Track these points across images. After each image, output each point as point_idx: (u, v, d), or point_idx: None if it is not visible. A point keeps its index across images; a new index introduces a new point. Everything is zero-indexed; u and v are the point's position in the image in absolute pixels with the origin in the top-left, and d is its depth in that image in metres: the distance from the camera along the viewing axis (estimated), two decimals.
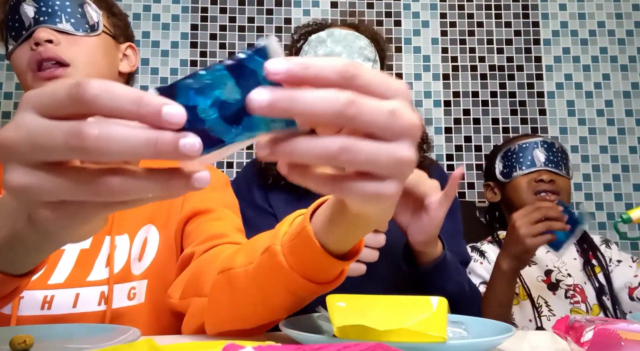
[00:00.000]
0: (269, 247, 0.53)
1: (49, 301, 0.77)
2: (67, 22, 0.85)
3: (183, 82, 0.32)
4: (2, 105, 1.78)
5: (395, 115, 0.34)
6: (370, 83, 0.34)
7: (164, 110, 0.31)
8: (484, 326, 0.60)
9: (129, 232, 0.85)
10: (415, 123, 0.35)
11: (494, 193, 1.53)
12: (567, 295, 1.35)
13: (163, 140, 0.31)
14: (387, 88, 0.34)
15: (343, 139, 0.33)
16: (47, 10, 0.84)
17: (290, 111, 0.32)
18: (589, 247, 1.44)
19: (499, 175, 1.48)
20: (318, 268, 0.51)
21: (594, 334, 0.47)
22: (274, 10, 1.93)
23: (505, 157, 1.47)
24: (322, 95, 0.32)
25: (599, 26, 1.98)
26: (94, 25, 0.88)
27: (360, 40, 1.10)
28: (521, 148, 1.44)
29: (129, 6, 1.88)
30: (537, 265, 1.40)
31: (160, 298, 0.80)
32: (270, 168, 1.08)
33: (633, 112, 1.93)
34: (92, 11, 0.88)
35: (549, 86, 1.94)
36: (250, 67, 0.32)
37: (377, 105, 0.33)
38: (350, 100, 0.32)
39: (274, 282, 0.53)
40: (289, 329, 0.54)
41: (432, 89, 1.92)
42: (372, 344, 0.33)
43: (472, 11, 1.97)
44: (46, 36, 0.82)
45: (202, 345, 0.41)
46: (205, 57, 1.88)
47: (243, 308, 0.58)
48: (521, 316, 1.34)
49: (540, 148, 1.43)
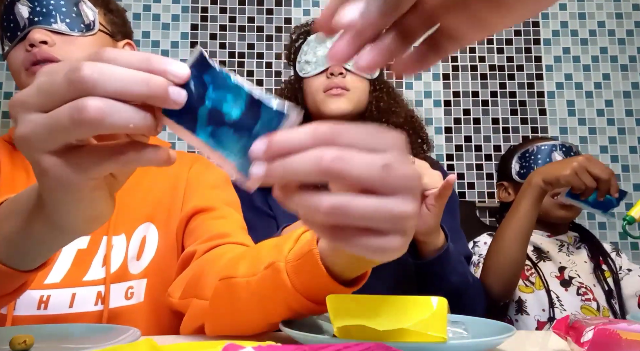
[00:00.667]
0: (273, 263, 0.53)
1: (45, 301, 0.77)
2: (62, 22, 0.83)
3: (220, 69, 0.35)
4: (2, 105, 1.78)
5: (389, 168, 0.33)
6: (359, 138, 0.33)
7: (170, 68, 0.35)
8: (484, 326, 0.60)
9: (126, 231, 0.84)
10: (411, 175, 0.34)
11: (508, 193, 1.54)
12: (579, 292, 1.35)
13: (156, 81, 0.34)
14: (379, 142, 0.34)
15: (334, 197, 0.33)
16: (41, 10, 0.83)
17: (280, 177, 0.33)
18: (599, 252, 1.44)
19: (516, 175, 1.48)
20: (322, 291, 0.51)
21: (594, 334, 0.47)
22: (274, 10, 1.93)
23: (522, 158, 1.48)
24: (305, 155, 0.32)
25: (599, 26, 1.98)
26: (89, 25, 0.86)
27: None
28: (539, 150, 1.45)
29: (129, 6, 1.88)
30: (551, 261, 1.40)
31: (160, 297, 0.80)
32: None
33: (633, 112, 1.93)
34: (88, 9, 0.87)
35: (549, 86, 1.94)
36: (264, 113, 0.35)
37: (368, 160, 0.33)
38: (336, 157, 0.32)
39: (275, 298, 0.53)
40: (289, 329, 0.54)
41: (432, 89, 1.92)
42: (372, 344, 0.33)
43: None
44: (41, 37, 0.81)
45: (202, 345, 0.40)
46: None
47: (243, 318, 0.59)
48: (535, 304, 1.34)
49: (558, 151, 1.45)
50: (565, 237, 1.46)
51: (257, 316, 0.57)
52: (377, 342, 0.35)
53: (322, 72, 1.10)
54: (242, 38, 1.90)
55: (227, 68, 1.70)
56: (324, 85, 1.09)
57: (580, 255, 1.43)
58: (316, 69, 1.11)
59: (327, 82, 1.09)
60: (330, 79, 1.08)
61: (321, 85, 1.09)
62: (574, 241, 1.46)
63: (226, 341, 0.35)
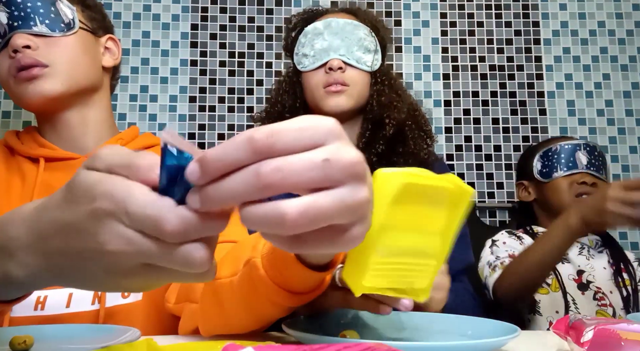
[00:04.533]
0: (249, 260, 0.53)
1: (42, 302, 0.77)
2: (42, 24, 0.83)
3: None
4: (2, 105, 1.78)
5: (330, 161, 0.31)
6: (291, 141, 0.31)
7: None
8: (487, 327, 0.60)
9: None
10: (354, 160, 0.32)
11: (528, 192, 1.53)
12: (595, 297, 1.34)
13: None
14: (313, 137, 0.32)
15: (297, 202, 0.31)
16: (19, 14, 0.82)
17: (218, 204, 0.31)
18: (621, 258, 1.42)
19: (537, 174, 1.47)
20: (298, 279, 0.51)
21: (594, 334, 0.47)
22: (274, 10, 1.93)
23: (545, 156, 1.47)
24: (240, 175, 0.30)
25: (599, 26, 1.98)
26: (69, 23, 0.86)
27: (359, 30, 1.07)
28: (563, 149, 1.44)
29: (129, 6, 1.88)
30: (570, 264, 1.38)
31: (159, 295, 0.79)
32: None
33: (633, 112, 1.93)
34: (66, 8, 0.86)
35: (549, 86, 1.94)
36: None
37: (307, 160, 0.31)
38: (273, 168, 0.30)
39: (257, 294, 0.54)
40: (289, 329, 0.54)
41: (432, 89, 1.92)
42: (372, 344, 0.33)
43: (472, 11, 1.97)
44: (23, 42, 0.81)
45: (202, 345, 0.40)
46: (205, 56, 1.88)
47: (231, 318, 0.59)
48: (549, 305, 1.33)
49: (582, 150, 1.43)
50: (587, 240, 1.43)
51: (244, 315, 0.58)
52: (377, 342, 0.35)
53: (321, 67, 1.07)
54: (242, 38, 1.90)
55: (228, 70, 1.69)
56: (323, 81, 1.06)
57: (601, 260, 1.40)
58: (314, 63, 1.07)
59: (326, 78, 1.06)
60: (329, 74, 1.05)
61: (320, 81, 1.06)
62: (595, 244, 1.44)
63: (226, 341, 0.35)
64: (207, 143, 1.82)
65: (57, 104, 0.87)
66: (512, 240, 1.41)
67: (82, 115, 0.90)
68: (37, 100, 0.84)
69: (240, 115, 1.85)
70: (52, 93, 0.84)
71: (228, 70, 1.88)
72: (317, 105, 1.08)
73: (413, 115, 1.10)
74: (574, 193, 1.39)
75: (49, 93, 0.83)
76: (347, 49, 1.06)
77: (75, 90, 0.87)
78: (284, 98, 1.13)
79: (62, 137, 0.89)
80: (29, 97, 0.83)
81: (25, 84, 0.83)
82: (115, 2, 1.88)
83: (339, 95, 1.05)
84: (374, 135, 1.06)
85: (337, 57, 1.05)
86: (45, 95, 0.83)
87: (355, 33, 1.07)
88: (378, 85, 1.10)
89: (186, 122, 1.83)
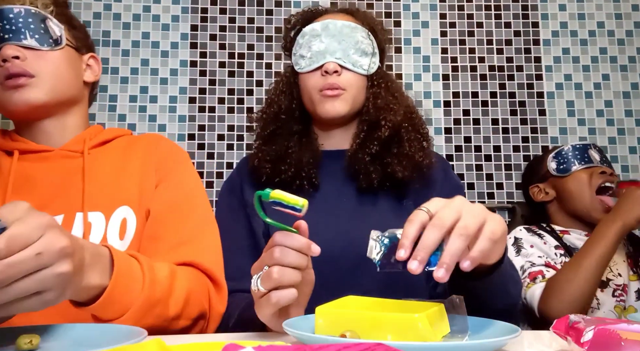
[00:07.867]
0: None
1: None
2: (32, 38, 0.89)
3: None
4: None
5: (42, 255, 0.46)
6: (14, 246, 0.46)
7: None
8: (488, 327, 0.60)
9: (104, 210, 0.86)
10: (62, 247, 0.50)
11: (546, 192, 1.57)
12: (614, 294, 1.37)
13: None
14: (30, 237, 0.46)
15: None
16: (11, 28, 0.88)
17: None
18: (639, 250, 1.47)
19: (554, 171, 1.54)
20: None
21: (594, 334, 0.47)
22: (274, 10, 1.93)
23: (558, 155, 1.55)
24: None
25: (599, 26, 1.99)
26: (57, 40, 0.92)
27: (356, 33, 1.06)
28: (575, 148, 1.53)
29: (129, 7, 1.88)
30: None
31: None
32: (263, 166, 1.06)
33: (633, 112, 1.94)
34: (54, 26, 0.93)
35: (549, 86, 1.94)
36: None
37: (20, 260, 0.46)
38: None
39: None
40: (290, 329, 0.54)
41: (432, 89, 1.92)
42: (372, 344, 0.33)
43: (472, 12, 1.98)
44: (13, 53, 0.87)
45: (210, 345, 0.41)
46: (205, 57, 1.88)
47: None
48: None
49: (593, 149, 1.54)
50: None
51: None
52: (377, 342, 0.35)
53: (317, 69, 1.07)
54: (242, 39, 1.90)
55: (227, 70, 1.69)
56: (320, 84, 1.06)
57: (619, 254, 1.43)
58: (310, 65, 1.07)
59: (322, 81, 1.05)
60: (325, 77, 1.05)
61: (316, 84, 1.06)
62: None
63: (226, 341, 0.35)
64: (207, 143, 1.83)
65: (40, 112, 0.92)
66: (535, 239, 1.44)
67: (62, 123, 0.95)
68: (21, 107, 0.89)
69: (240, 115, 1.85)
70: (36, 102, 0.89)
71: (228, 71, 1.88)
72: (314, 109, 1.08)
73: (410, 117, 1.09)
74: (596, 183, 1.45)
75: (33, 101, 0.88)
76: (344, 52, 1.06)
77: (57, 101, 0.92)
78: (280, 99, 1.12)
79: (38, 141, 0.94)
80: (14, 104, 0.88)
81: (11, 91, 0.88)
82: (115, 2, 1.88)
83: (335, 99, 1.05)
84: (368, 136, 1.06)
85: (333, 60, 1.05)
86: (30, 103, 0.88)
87: (353, 36, 1.07)
88: (375, 88, 1.09)
89: (186, 122, 1.83)
